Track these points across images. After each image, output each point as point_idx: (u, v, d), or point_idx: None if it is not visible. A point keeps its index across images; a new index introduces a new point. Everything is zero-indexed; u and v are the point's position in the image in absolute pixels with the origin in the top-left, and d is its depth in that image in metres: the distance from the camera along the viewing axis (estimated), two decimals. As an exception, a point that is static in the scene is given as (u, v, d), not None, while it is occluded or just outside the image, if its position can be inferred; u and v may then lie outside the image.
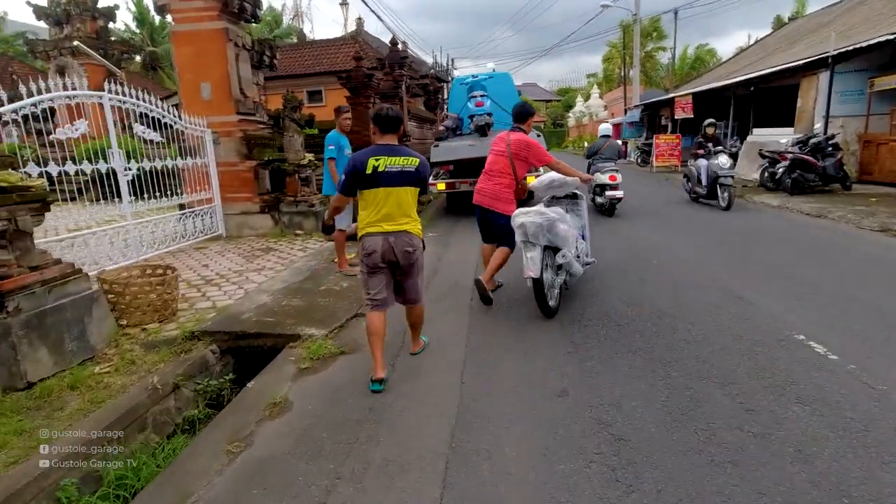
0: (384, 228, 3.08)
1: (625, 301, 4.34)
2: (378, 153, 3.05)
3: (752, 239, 6.52)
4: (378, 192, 3.06)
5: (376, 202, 3.07)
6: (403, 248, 3.11)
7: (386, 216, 3.08)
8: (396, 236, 3.09)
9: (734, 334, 3.56)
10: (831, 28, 15.15)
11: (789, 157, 9.55)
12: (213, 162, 7.78)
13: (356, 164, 3.04)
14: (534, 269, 3.89)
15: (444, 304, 4.62)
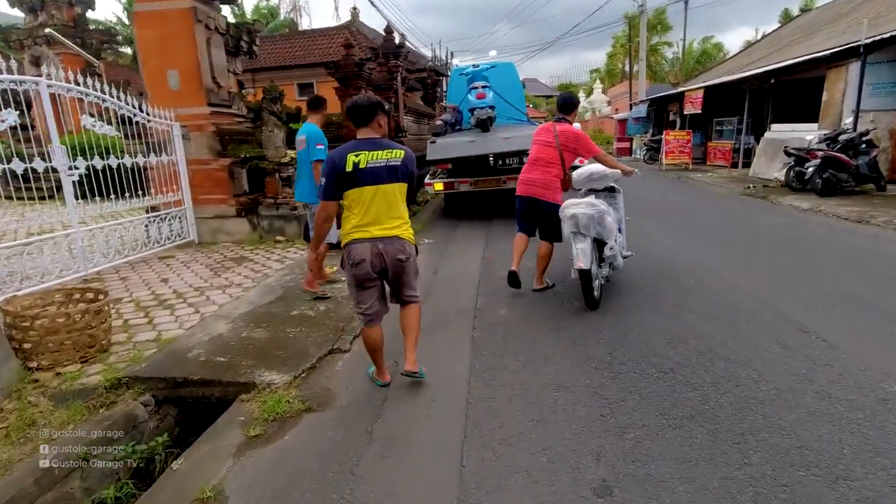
0: (373, 233, 2.75)
1: (664, 336, 3.51)
2: (357, 148, 2.71)
3: (794, 250, 5.69)
4: (362, 191, 2.71)
5: (361, 203, 2.72)
6: (394, 256, 2.79)
7: (374, 219, 2.74)
8: (386, 243, 2.76)
9: (818, 390, 2.73)
10: (853, 18, 14.30)
11: (820, 155, 8.71)
12: (182, 159, 6.93)
13: (335, 163, 2.68)
14: (584, 260, 3.86)
15: (439, 339, 3.78)
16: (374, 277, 2.81)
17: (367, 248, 2.73)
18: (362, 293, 2.86)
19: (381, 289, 2.95)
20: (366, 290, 2.85)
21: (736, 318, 3.77)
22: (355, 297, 2.91)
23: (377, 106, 2.80)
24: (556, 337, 3.62)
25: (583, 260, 3.86)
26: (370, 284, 2.83)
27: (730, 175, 13.52)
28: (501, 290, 4.75)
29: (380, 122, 2.82)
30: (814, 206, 8.16)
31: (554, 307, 4.24)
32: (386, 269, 2.81)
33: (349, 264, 2.80)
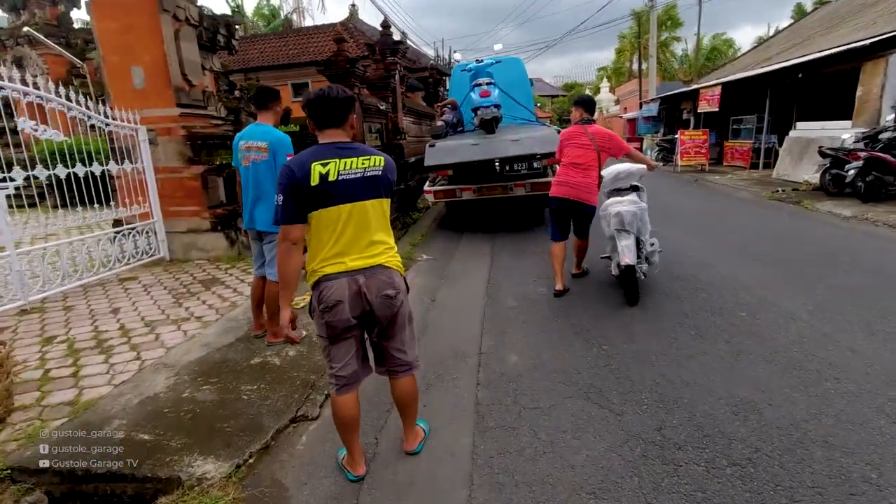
0: (349, 265, 2.06)
1: (727, 401, 2.68)
2: (323, 155, 2.01)
3: (851, 269, 4.83)
4: (333, 212, 2.01)
5: (332, 227, 2.02)
6: (381, 291, 2.09)
7: (350, 246, 2.05)
8: (369, 275, 2.08)
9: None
10: (882, 7, 13.39)
11: (862, 155, 7.84)
12: (149, 167, 6.14)
13: (295, 175, 1.96)
14: (630, 256, 3.98)
15: (433, 400, 2.95)
16: (353, 325, 2.09)
17: (344, 284, 2.03)
18: (336, 348, 2.13)
19: (362, 341, 2.24)
20: (341, 344, 2.13)
21: (814, 370, 2.94)
22: (327, 354, 2.17)
23: (351, 101, 2.09)
24: (583, 399, 2.80)
25: (629, 256, 3.97)
26: (346, 335, 2.12)
27: (751, 177, 12.63)
28: (511, 325, 3.94)
29: (352, 120, 2.12)
30: (858, 213, 7.29)
31: (575, 350, 3.42)
32: (371, 312, 2.09)
33: (320, 309, 2.07)
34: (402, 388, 2.31)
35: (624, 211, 4.08)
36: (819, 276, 4.66)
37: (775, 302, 4.05)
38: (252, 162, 3.40)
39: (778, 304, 4.01)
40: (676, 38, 30.46)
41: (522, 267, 5.63)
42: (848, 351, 3.16)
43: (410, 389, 2.33)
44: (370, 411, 2.80)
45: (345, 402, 2.18)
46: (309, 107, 2.07)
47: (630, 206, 4.12)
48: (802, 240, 6.14)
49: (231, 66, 14.78)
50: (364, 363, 2.25)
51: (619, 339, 3.54)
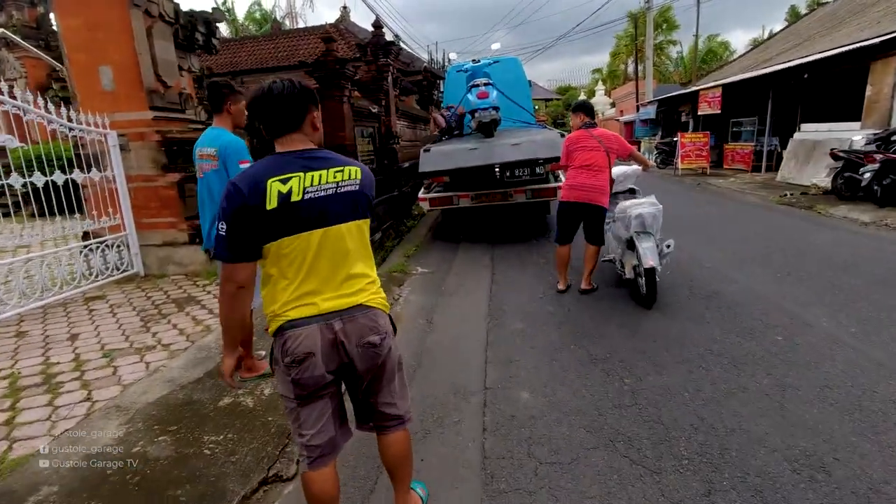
0: (322, 307, 1.59)
1: (784, 454, 2.24)
2: (282, 168, 1.53)
3: (888, 284, 4.41)
4: (299, 240, 1.55)
5: (299, 260, 1.55)
6: (363, 339, 1.62)
7: (323, 282, 1.58)
8: (347, 319, 1.61)
9: None
10: (884, 7, 13.14)
11: (879, 158, 7.47)
12: (120, 175, 5.67)
13: (243, 196, 1.48)
14: (654, 258, 3.89)
15: (431, 451, 2.49)
16: (328, 383, 1.63)
17: (315, 332, 1.57)
18: (307, 411, 1.65)
19: (339, 398, 1.75)
20: (313, 405, 1.65)
21: (878, 410, 2.51)
22: (294, 418, 1.68)
23: (307, 96, 1.61)
24: (610, 451, 2.35)
25: (652, 258, 3.89)
26: (320, 396, 1.65)
27: (754, 180, 12.29)
28: (518, 352, 3.49)
29: (314, 121, 1.64)
30: (876, 218, 6.92)
31: (594, 384, 2.98)
32: (350, 365, 1.64)
33: (285, 364, 1.59)
34: (394, 446, 1.84)
35: (646, 213, 4.02)
36: (853, 290, 4.25)
37: (812, 322, 3.63)
38: (204, 172, 2.90)
39: (815, 324, 3.59)
40: (672, 42, 30.28)
41: (526, 281, 5.19)
42: (911, 385, 2.74)
43: (403, 447, 1.86)
44: (356, 468, 2.35)
45: (320, 479, 1.69)
46: (251, 108, 1.61)
47: (650, 208, 4.06)
48: (824, 248, 5.73)
49: (218, 68, 14.33)
50: (343, 426, 1.77)
51: (643, 369, 3.11)
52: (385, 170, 10.24)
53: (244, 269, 1.55)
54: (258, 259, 1.58)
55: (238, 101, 2.88)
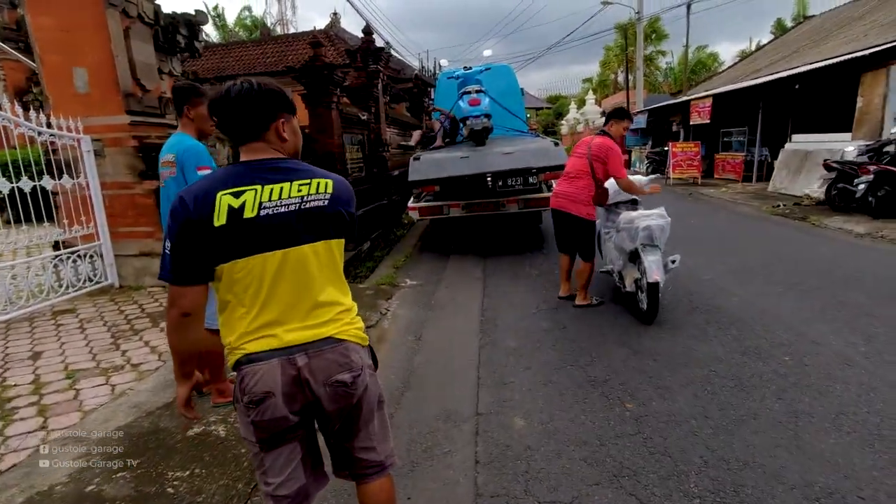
0: (284, 339, 1.36)
1: (803, 492, 2.05)
2: (236, 180, 1.33)
3: (892, 300, 4.28)
4: (254, 262, 1.33)
5: (256, 286, 1.34)
6: (331, 377, 1.39)
7: (285, 311, 1.36)
8: (313, 353, 1.37)
9: None
10: (869, 21, 13.29)
11: (872, 169, 7.42)
12: (94, 182, 5.41)
13: (188, 210, 1.29)
14: (659, 272, 3.75)
15: (420, 486, 2.27)
16: (292, 426, 1.40)
17: (276, 368, 1.35)
18: (271, 457, 1.42)
19: (309, 446, 1.51)
20: (279, 451, 1.42)
21: None
22: (258, 464, 1.45)
23: (275, 99, 1.39)
24: (615, 489, 2.15)
25: (658, 272, 3.73)
26: (286, 440, 1.42)
27: (746, 190, 12.27)
28: (513, 374, 3.29)
29: (280, 128, 1.41)
30: (872, 230, 6.84)
31: (595, 410, 2.78)
32: (318, 405, 1.41)
33: (243, 403, 1.37)
34: (375, 496, 1.58)
35: (654, 225, 3.82)
36: (857, 306, 4.11)
37: (820, 341, 3.47)
38: (164, 180, 2.68)
39: (824, 343, 3.43)
40: (662, 52, 30.54)
41: (519, 294, 5.00)
42: (930, 411, 2.58)
43: (385, 497, 1.60)
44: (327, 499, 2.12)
45: None
46: (211, 112, 1.41)
47: (658, 220, 3.86)
48: (822, 261, 5.62)
49: (205, 73, 14.07)
50: (315, 473, 1.53)
51: (645, 393, 2.92)
52: (374, 178, 10.04)
53: (190, 294, 1.35)
54: (207, 282, 1.37)
55: (199, 104, 2.66)
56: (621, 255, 4.27)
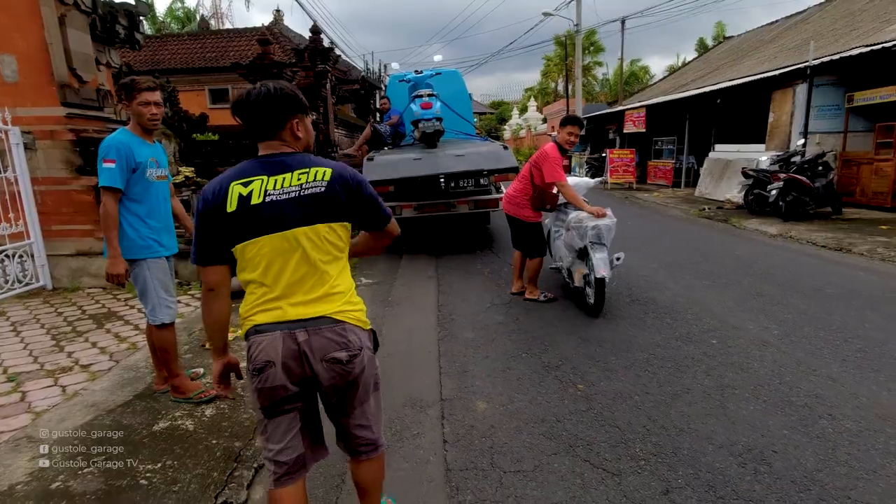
0: (288, 313, 1.50)
1: (729, 449, 2.37)
2: (246, 172, 1.51)
3: (800, 289, 4.87)
4: (261, 244, 1.48)
5: (264, 264, 1.49)
6: (327, 354, 1.51)
7: (287, 289, 1.51)
8: (312, 331, 1.50)
9: None
10: (779, 44, 14.74)
11: (782, 177, 8.30)
12: (24, 177, 5.08)
13: (206, 200, 1.49)
14: (606, 269, 4.02)
15: (394, 465, 2.40)
16: (291, 395, 1.53)
17: (278, 340, 1.48)
18: (273, 424, 1.56)
19: (309, 415, 1.64)
20: (280, 419, 1.56)
21: (804, 405, 2.73)
22: (262, 431, 1.60)
23: (290, 101, 1.54)
24: (571, 457, 2.38)
25: (605, 269, 4.01)
26: (287, 407, 1.55)
27: (676, 195, 13.24)
28: (472, 362, 3.48)
29: (295, 127, 1.57)
30: (782, 231, 7.66)
31: (549, 392, 3.02)
32: (315, 380, 1.54)
33: (250, 371, 1.53)
34: (366, 473, 1.74)
35: (602, 225, 4.11)
36: (771, 296, 4.64)
37: (741, 326, 3.92)
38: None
39: (743, 328, 3.88)
40: (599, 63, 32.18)
41: (473, 290, 5.22)
42: (829, 380, 3.01)
43: (376, 475, 1.77)
44: (314, 477, 2.21)
45: (286, 498, 1.58)
46: (234, 114, 1.56)
47: (606, 221, 4.14)
48: (741, 258, 6.25)
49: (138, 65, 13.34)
50: (314, 445, 1.66)
51: (594, 375, 3.19)
52: (324, 178, 9.98)
53: (211, 273, 1.53)
54: (226, 263, 1.53)
55: (132, 98, 2.67)
56: (570, 252, 4.52)
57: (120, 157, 2.59)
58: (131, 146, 2.65)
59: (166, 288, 2.84)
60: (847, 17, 13.06)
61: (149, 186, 2.75)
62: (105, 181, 2.59)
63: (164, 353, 2.87)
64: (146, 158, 2.72)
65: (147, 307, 2.81)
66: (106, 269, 2.68)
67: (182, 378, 2.95)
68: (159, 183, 2.84)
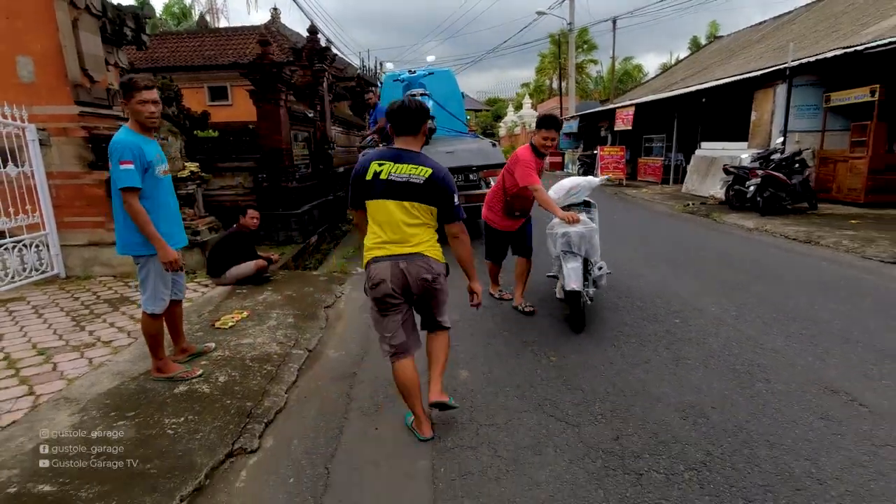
0: (392, 251, 2.46)
1: (676, 407, 2.76)
2: (384, 157, 2.47)
3: (762, 276, 5.27)
4: (380, 204, 2.46)
5: (381, 217, 2.47)
6: (419, 276, 2.46)
7: (393, 236, 2.46)
8: (409, 261, 2.45)
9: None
10: (766, 44, 15.12)
11: (760, 174, 8.70)
12: (40, 171, 5.41)
13: (357, 169, 2.53)
14: (577, 281, 3.66)
15: (387, 416, 2.77)
16: (397, 301, 2.48)
17: (388, 267, 2.43)
18: (385, 320, 2.53)
19: (410, 315, 2.61)
20: (388, 317, 2.52)
21: (746, 372, 3.12)
22: (378, 325, 2.58)
23: (424, 114, 2.48)
24: (539, 413, 2.76)
25: (575, 280, 3.66)
26: (393, 310, 2.51)
27: (663, 191, 13.64)
28: (457, 339, 3.83)
29: (424, 129, 2.53)
30: (758, 225, 8.06)
31: (525, 363, 3.39)
32: (411, 291, 2.48)
33: (369, 286, 2.51)
34: (437, 341, 2.67)
35: (572, 232, 3.73)
36: (736, 283, 5.04)
37: (703, 308, 4.31)
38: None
39: (706, 310, 4.27)
40: (593, 61, 32.59)
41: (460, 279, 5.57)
42: (772, 352, 3.40)
43: (443, 343, 2.68)
44: (317, 419, 2.57)
45: (402, 368, 2.53)
46: (390, 115, 2.46)
47: (578, 227, 3.74)
48: (716, 249, 6.65)
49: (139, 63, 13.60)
50: (413, 336, 2.58)
51: (566, 350, 3.57)
52: (320, 174, 10.30)
53: (356, 214, 2.65)
54: (362, 209, 2.53)
55: (129, 98, 2.84)
56: (554, 261, 4.18)
57: (135, 158, 2.76)
58: (141, 145, 2.82)
59: (165, 282, 3.01)
60: (829, 18, 13.46)
61: (157, 183, 2.95)
62: (126, 182, 2.74)
63: (150, 337, 3.05)
64: (154, 156, 2.93)
65: (144, 295, 3.00)
66: (160, 260, 2.88)
67: (164, 361, 3.14)
68: (166, 178, 3.05)
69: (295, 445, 2.56)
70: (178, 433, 2.54)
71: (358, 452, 2.50)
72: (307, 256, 7.71)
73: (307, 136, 10.06)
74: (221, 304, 4.59)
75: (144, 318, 3.05)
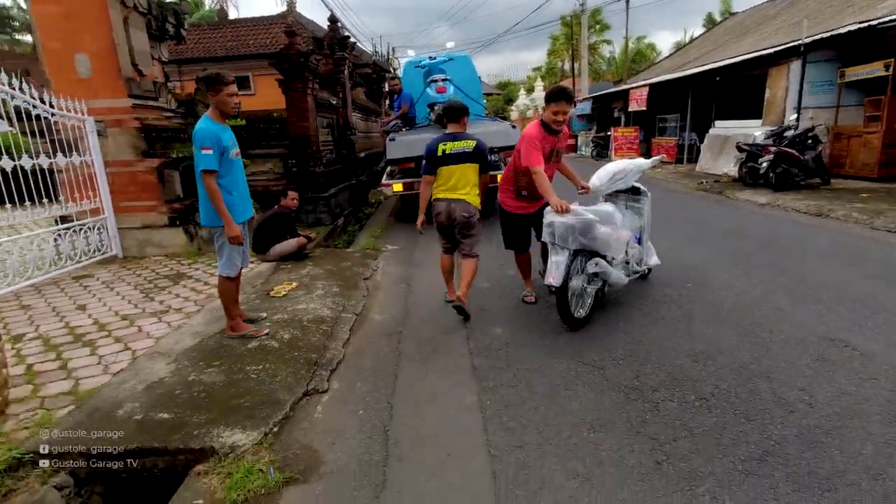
0: (448, 196, 3.91)
1: (688, 353, 3.14)
2: (445, 140, 3.89)
3: (772, 246, 5.59)
4: (444, 169, 3.89)
5: (444, 177, 3.90)
6: (461, 213, 3.89)
7: (451, 188, 3.90)
8: (457, 203, 3.89)
9: (882, 413, 2.43)
10: (781, 20, 15.05)
11: (773, 150, 8.90)
12: (99, 160, 5.89)
13: (430, 150, 3.90)
14: (556, 276, 3.35)
15: (437, 368, 3.20)
16: (447, 227, 3.99)
17: (444, 205, 3.92)
18: (441, 233, 4.13)
19: (451, 237, 4.08)
20: (443, 231, 4.09)
21: (754, 327, 3.48)
22: (440, 238, 4.18)
23: (465, 110, 4.05)
24: (567, 359, 3.16)
25: (554, 275, 3.34)
26: (445, 230, 4.05)
27: (677, 171, 13.81)
28: (488, 303, 4.27)
29: (465, 120, 4.02)
30: (771, 200, 8.30)
31: (552, 322, 3.78)
32: (454, 223, 3.92)
33: (434, 213, 3.99)
34: (467, 266, 3.96)
35: (557, 222, 3.37)
36: (746, 252, 5.36)
37: (715, 275, 4.65)
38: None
39: (716, 276, 4.61)
40: (606, 41, 32.34)
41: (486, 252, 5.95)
42: (777, 310, 3.75)
43: (471, 266, 3.96)
44: (374, 368, 3.01)
45: (444, 258, 4.21)
46: (445, 112, 4.08)
47: (566, 218, 3.34)
48: (726, 223, 6.95)
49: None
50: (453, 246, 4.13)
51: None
52: (344, 159, 10.70)
53: (429, 177, 3.95)
54: (434, 175, 3.91)
55: (216, 91, 3.25)
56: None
57: (213, 144, 3.19)
58: (218, 133, 3.26)
59: (238, 250, 3.45)
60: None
61: (231, 164, 3.40)
62: (206, 165, 3.16)
63: (226, 298, 3.51)
64: (228, 141, 3.37)
65: (220, 261, 3.47)
66: (225, 233, 3.31)
67: (237, 321, 3.60)
68: (237, 160, 3.51)
69: (359, 387, 3.00)
70: (259, 377, 3.00)
71: (413, 392, 2.94)
72: (336, 237, 8.17)
73: (331, 123, 10.44)
74: (271, 277, 5.06)
75: (221, 281, 3.50)
